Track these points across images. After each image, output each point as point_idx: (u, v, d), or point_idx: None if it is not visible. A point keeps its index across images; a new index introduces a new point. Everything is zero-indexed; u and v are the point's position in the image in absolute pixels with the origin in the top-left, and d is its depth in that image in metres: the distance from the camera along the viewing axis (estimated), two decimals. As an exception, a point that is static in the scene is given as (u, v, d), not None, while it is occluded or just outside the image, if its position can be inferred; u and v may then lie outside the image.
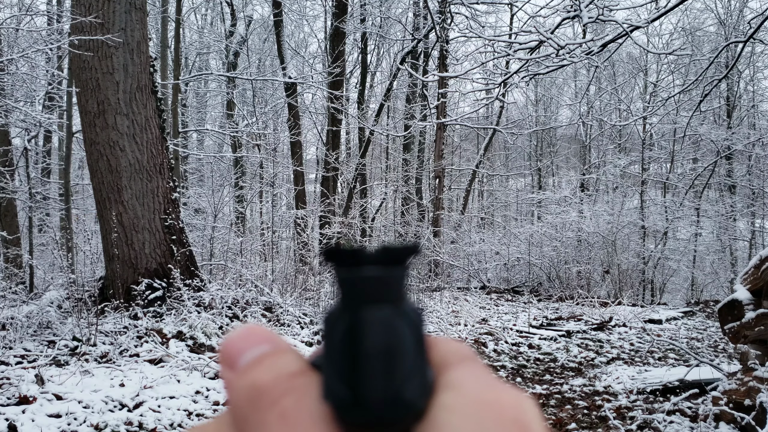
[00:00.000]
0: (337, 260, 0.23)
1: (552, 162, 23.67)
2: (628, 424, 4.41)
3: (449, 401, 0.22)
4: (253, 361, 0.24)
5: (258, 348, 0.24)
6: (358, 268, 0.23)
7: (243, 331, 0.25)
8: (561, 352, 7.28)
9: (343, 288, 0.23)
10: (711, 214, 18.12)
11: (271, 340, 0.25)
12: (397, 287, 0.23)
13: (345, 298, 0.23)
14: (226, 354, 0.25)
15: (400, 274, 0.23)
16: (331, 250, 0.23)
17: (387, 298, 0.22)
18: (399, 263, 0.23)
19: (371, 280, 0.23)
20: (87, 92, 6.79)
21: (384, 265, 0.23)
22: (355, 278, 0.23)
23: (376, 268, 0.23)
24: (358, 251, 0.23)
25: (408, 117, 17.26)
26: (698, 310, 12.09)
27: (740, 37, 8.49)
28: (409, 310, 0.23)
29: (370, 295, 0.22)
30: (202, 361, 5.15)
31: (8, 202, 9.88)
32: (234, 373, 0.24)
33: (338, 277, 0.23)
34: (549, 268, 13.90)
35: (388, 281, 0.23)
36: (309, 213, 13.46)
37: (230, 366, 0.24)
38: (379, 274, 0.23)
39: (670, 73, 19.69)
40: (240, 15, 16.84)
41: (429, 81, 14.60)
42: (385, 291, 0.23)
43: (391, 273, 0.23)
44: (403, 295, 0.23)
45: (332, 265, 0.23)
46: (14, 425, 3.71)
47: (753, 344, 4.53)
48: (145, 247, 6.82)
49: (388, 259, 0.23)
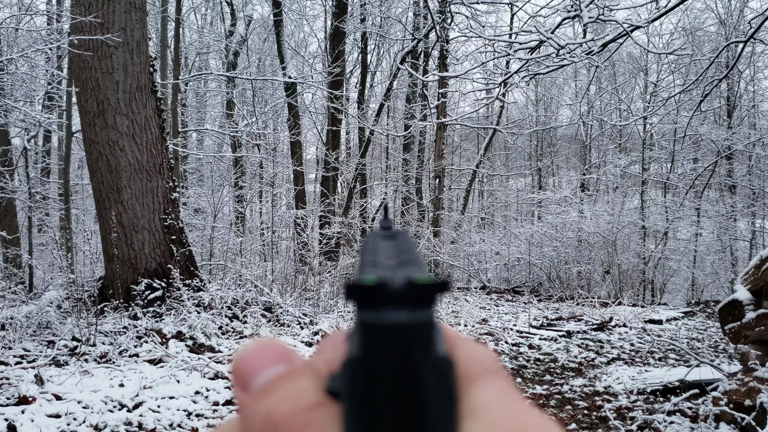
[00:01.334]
0: (359, 298, 0.21)
1: (552, 162, 23.66)
2: (629, 425, 4.41)
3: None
4: (268, 385, 0.22)
5: (272, 368, 0.23)
6: (381, 309, 0.21)
7: (256, 348, 0.24)
8: (561, 352, 7.27)
9: (365, 333, 0.21)
10: (711, 214, 18.10)
11: (286, 357, 0.23)
12: (426, 334, 0.21)
13: (367, 344, 0.21)
14: (238, 373, 0.23)
15: (428, 319, 0.21)
16: (353, 287, 0.21)
17: (414, 347, 0.20)
18: (427, 303, 0.21)
19: (397, 328, 0.20)
20: (87, 92, 6.78)
21: (410, 304, 0.21)
22: (379, 325, 0.21)
23: (401, 311, 0.21)
24: (382, 288, 0.21)
25: (408, 117, 17.25)
26: (699, 310, 12.08)
27: (740, 37, 8.48)
28: (438, 360, 0.21)
29: (396, 344, 0.20)
30: (201, 362, 5.14)
31: (8, 201, 9.87)
32: (248, 396, 0.23)
33: (361, 321, 0.21)
34: (549, 269, 13.89)
35: (415, 328, 0.21)
36: (309, 213, 13.45)
37: (243, 387, 0.23)
38: (405, 320, 0.21)
39: (671, 73, 19.68)
40: (240, 15, 16.84)
41: (429, 81, 14.59)
42: (412, 339, 0.21)
43: (418, 318, 0.21)
44: (433, 343, 0.21)
45: (354, 303, 0.21)
46: (14, 425, 3.70)
47: (753, 344, 4.52)
48: (145, 247, 6.82)
49: (414, 297, 0.21)
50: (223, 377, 5.00)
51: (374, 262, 0.26)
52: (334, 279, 9.46)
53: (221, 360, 5.34)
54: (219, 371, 5.06)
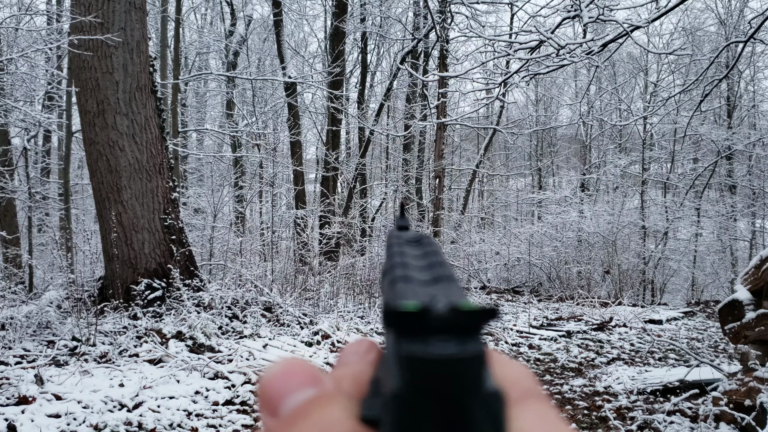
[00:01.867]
0: (400, 325, 0.19)
1: (552, 162, 23.66)
2: (629, 425, 4.40)
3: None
4: (298, 411, 0.21)
5: (302, 392, 0.21)
6: (425, 339, 0.19)
7: (283, 369, 0.22)
8: (561, 352, 7.27)
9: (409, 366, 0.19)
10: (711, 214, 18.10)
11: (315, 380, 0.22)
12: (475, 368, 0.19)
13: (412, 379, 0.19)
14: (266, 396, 0.22)
15: (478, 352, 0.19)
16: (393, 312, 0.19)
17: (463, 383, 0.18)
18: (474, 332, 0.19)
19: (444, 362, 0.18)
20: (86, 92, 6.78)
21: (457, 334, 0.19)
22: (425, 359, 0.18)
23: (448, 343, 0.19)
24: (425, 314, 0.19)
25: (408, 117, 17.25)
26: (699, 310, 12.08)
27: (741, 37, 8.48)
28: (488, 396, 0.19)
29: (444, 380, 0.18)
30: (201, 362, 5.14)
31: (8, 201, 9.87)
32: (276, 423, 0.21)
33: (403, 351, 0.19)
34: (549, 268, 13.89)
35: (464, 362, 0.19)
36: (309, 213, 13.45)
37: (270, 411, 0.22)
38: (453, 354, 0.18)
39: (671, 72, 19.68)
40: (240, 15, 16.83)
41: (429, 81, 14.59)
42: (461, 374, 0.19)
43: (466, 351, 0.19)
44: (482, 377, 0.19)
45: (394, 331, 0.19)
46: (13, 425, 3.70)
47: (753, 344, 4.52)
48: (145, 247, 6.81)
49: (461, 326, 0.19)
50: (223, 377, 5.00)
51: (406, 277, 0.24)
52: (334, 279, 9.46)
53: (221, 360, 5.34)
54: (219, 371, 5.06)
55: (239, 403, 4.55)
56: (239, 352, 5.49)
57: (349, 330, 7.16)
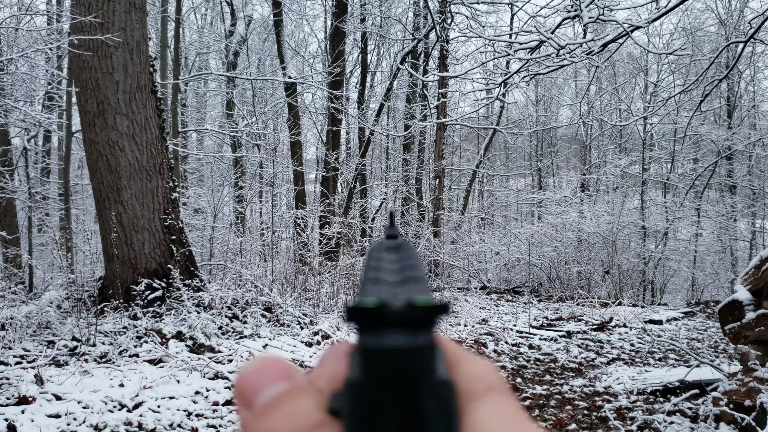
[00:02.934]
0: (359, 320, 0.21)
1: (552, 162, 23.67)
2: (629, 425, 4.40)
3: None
4: (271, 404, 0.22)
5: (275, 386, 0.23)
6: (380, 332, 0.21)
7: (258, 365, 0.24)
8: (561, 352, 7.27)
9: (365, 357, 0.21)
10: (711, 214, 18.10)
11: (288, 375, 0.24)
12: (425, 358, 0.21)
13: (367, 368, 0.21)
14: (241, 391, 0.23)
15: (428, 342, 0.21)
16: (353, 310, 0.21)
17: (413, 372, 0.21)
18: (426, 325, 0.21)
19: (396, 352, 0.21)
20: (86, 92, 6.78)
21: (410, 327, 0.21)
22: (378, 349, 0.21)
23: (400, 335, 0.21)
24: (381, 310, 0.21)
25: (408, 117, 17.25)
26: (699, 310, 12.08)
27: (741, 37, 8.48)
28: (437, 384, 0.21)
29: (395, 369, 0.20)
30: (201, 362, 5.14)
31: (8, 201, 9.87)
32: (250, 414, 0.23)
33: (360, 344, 0.21)
34: (549, 269, 13.88)
35: (414, 352, 0.21)
36: (309, 213, 13.46)
37: (246, 404, 0.23)
38: (404, 344, 0.21)
39: (671, 73, 19.68)
40: (240, 15, 16.83)
41: (429, 81, 14.59)
42: (412, 364, 0.21)
43: (417, 342, 0.21)
44: (432, 367, 0.21)
45: (354, 326, 0.22)
46: (13, 425, 3.70)
47: (753, 345, 4.52)
48: (145, 247, 6.82)
49: (414, 320, 0.21)
50: (223, 377, 5.00)
51: (376, 279, 0.26)
52: (334, 279, 9.46)
53: (221, 360, 5.34)
54: (219, 371, 5.06)
55: (239, 403, 4.54)
56: (239, 353, 5.49)
57: (349, 330, 7.15)
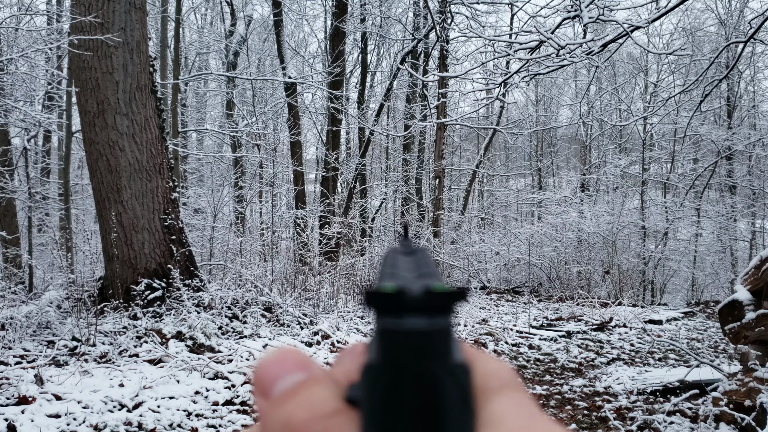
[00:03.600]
0: (378, 305, 0.22)
1: (552, 162, 23.66)
2: (629, 425, 4.41)
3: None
4: (288, 392, 0.23)
5: (292, 376, 0.23)
6: (400, 316, 0.21)
7: (277, 356, 0.24)
8: (561, 352, 7.27)
9: (384, 339, 0.21)
10: (711, 214, 18.10)
11: (305, 366, 0.24)
12: (443, 341, 0.21)
13: (386, 350, 0.21)
14: (259, 380, 0.24)
15: (446, 326, 0.21)
16: (372, 294, 0.22)
17: (431, 353, 0.21)
18: (444, 310, 0.22)
19: (415, 334, 0.21)
20: (86, 92, 6.78)
21: (428, 312, 0.21)
22: (397, 331, 0.21)
23: (419, 318, 0.21)
24: (400, 295, 0.21)
25: (408, 117, 17.25)
26: (699, 310, 12.08)
27: (741, 37, 8.48)
28: (455, 366, 0.21)
29: (414, 350, 0.21)
30: (201, 362, 5.14)
31: (8, 201, 9.87)
32: (268, 403, 0.23)
33: (379, 327, 0.22)
34: (549, 269, 13.88)
35: (432, 335, 0.21)
36: (309, 213, 13.46)
37: (263, 394, 0.23)
38: (423, 327, 0.21)
39: (671, 73, 19.68)
40: (240, 15, 16.83)
41: (429, 81, 14.59)
42: (430, 345, 0.21)
43: (435, 326, 0.21)
44: (450, 349, 0.21)
45: (373, 310, 0.22)
46: (13, 425, 3.70)
47: (753, 345, 4.52)
48: (145, 247, 6.81)
49: (432, 305, 0.21)
50: (223, 377, 5.00)
51: (393, 274, 0.27)
52: (334, 279, 9.46)
53: (221, 360, 5.34)
54: (219, 371, 5.05)
55: (239, 403, 4.55)
56: (239, 352, 5.49)
57: (349, 330, 7.16)
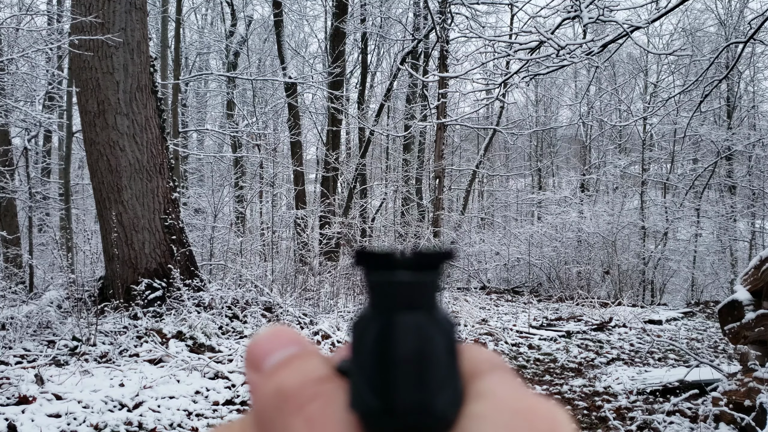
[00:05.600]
0: (368, 263, 0.22)
1: (552, 162, 23.66)
2: (628, 425, 4.41)
3: (480, 410, 0.21)
4: (280, 364, 0.23)
5: (285, 350, 0.24)
6: (389, 272, 0.22)
7: (270, 333, 0.25)
8: (561, 352, 7.27)
9: (373, 292, 0.22)
10: (711, 214, 18.11)
11: (298, 342, 0.25)
12: (430, 294, 0.22)
13: (376, 302, 0.22)
14: (252, 355, 0.24)
15: (433, 280, 0.22)
16: (363, 253, 0.23)
17: (419, 305, 0.22)
18: (432, 268, 0.22)
19: (404, 285, 0.22)
20: (87, 92, 6.78)
21: (417, 270, 0.22)
22: (386, 282, 0.22)
23: (408, 272, 0.22)
24: (390, 254, 0.22)
25: (408, 117, 17.25)
26: (698, 310, 12.09)
27: (740, 37, 8.49)
28: (441, 318, 0.22)
29: (402, 301, 0.22)
30: (201, 361, 5.15)
31: (8, 201, 9.88)
32: (260, 375, 0.24)
33: (369, 280, 0.22)
34: (549, 269, 13.89)
35: (420, 287, 0.22)
36: (309, 213, 13.46)
37: (256, 368, 0.24)
38: (411, 279, 0.22)
39: (671, 73, 19.69)
40: (240, 15, 16.84)
41: (429, 81, 14.59)
42: (418, 297, 0.22)
43: (423, 278, 0.22)
44: (436, 303, 0.22)
45: (363, 268, 0.23)
46: (14, 425, 3.71)
47: (753, 345, 4.53)
48: (145, 247, 6.82)
49: (421, 264, 0.22)
50: (223, 377, 5.01)
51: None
52: (334, 279, 9.47)
53: (221, 360, 5.34)
54: (219, 371, 5.06)
55: (239, 403, 4.55)
56: (239, 352, 5.50)
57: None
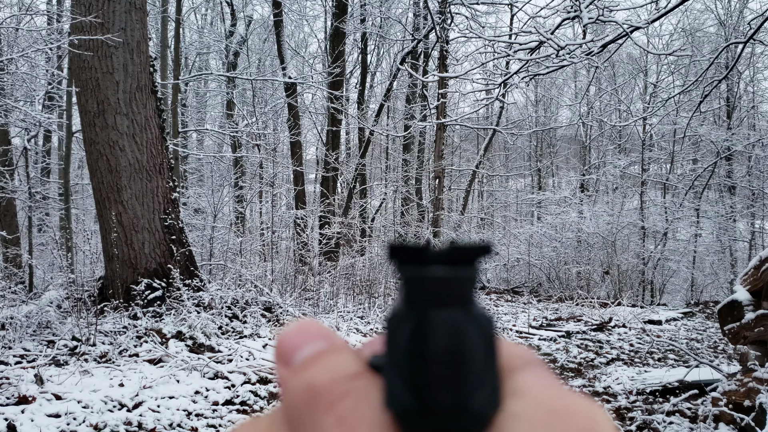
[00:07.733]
0: (403, 257, 0.22)
1: (552, 162, 23.67)
2: (628, 425, 4.41)
3: (517, 409, 0.21)
4: (310, 359, 0.23)
5: (314, 344, 0.23)
6: (424, 266, 0.21)
7: (298, 327, 0.24)
8: (560, 352, 7.28)
9: (408, 287, 0.21)
10: (711, 214, 18.11)
11: (327, 336, 0.24)
12: (467, 289, 0.21)
13: (410, 298, 0.21)
14: (280, 350, 0.24)
15: (469, 276, 0.22)
16: (397, 247, 0.22)
17: (455, 301, 0.21)
18: (468, 263, 0.22)
19: (439, 280, 0.21)
20: (87, 92, 6.78)
21: (452, 264, 0.21)
22: (422, 278, 0.21)
23: (444, 267, 0.21)
24: (425, 249, 0.22)
25: (408, 117, 17.25)
26: (698, 310, 12.09)
27: (740, 38, 8.49)
28: (478, 314, 0.21)
29: (438, 297, 0.21)
30: (201, 361, 5.15)
31: (8, 201, 9.87)
32: (289, 371, 0.23)
33: (403, 275, 0.21)
34: (549, 269, 13.89)
35: (457, 282, 0.21)
36: (309, 213, 13.46)
37: (285, 363, 0.23)
38: (447, 274, 0.21)
39: (670, 73, 19.69)
40: (240, 15, 16.84)
41: (429, 81, 14.59)
42: (454, 293, 0.21)
43: (460, 274, 0.21)
44: (473, 298, 0.22)
45: (396, 262, 0.22)
46: (13, 425, 3.71)
47: (752, 345, 4.53)
48: (145, 247, 6.82)
49: (456, 259, 0.21)
50: (223, 377, 5.01)
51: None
52: (334, 279, 9.47)
53: (221, 360, 5.34)
54: (219, 371, 5.06)
55: (239, 403, 4.55)
56: (239, 352, 5.50)
57: (349, 330, 7.16)
